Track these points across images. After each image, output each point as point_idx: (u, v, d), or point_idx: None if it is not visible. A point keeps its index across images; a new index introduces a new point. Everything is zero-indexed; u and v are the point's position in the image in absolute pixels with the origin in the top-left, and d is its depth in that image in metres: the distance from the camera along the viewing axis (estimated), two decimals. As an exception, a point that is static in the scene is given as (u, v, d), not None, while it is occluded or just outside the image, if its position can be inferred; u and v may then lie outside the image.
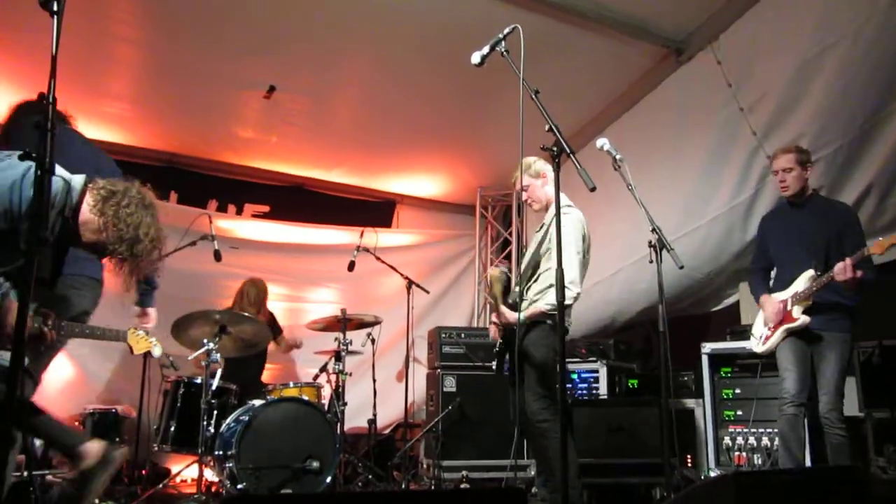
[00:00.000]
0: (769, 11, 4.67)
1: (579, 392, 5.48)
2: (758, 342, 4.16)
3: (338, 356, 5.27)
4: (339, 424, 4.92)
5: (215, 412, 4.55)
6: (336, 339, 5.31)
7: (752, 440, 4.77)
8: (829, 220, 4.00)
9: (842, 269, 3.62)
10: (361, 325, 5.69)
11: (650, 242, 3.28)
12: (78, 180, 2.66)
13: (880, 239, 3.63)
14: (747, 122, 4.89)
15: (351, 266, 5.97)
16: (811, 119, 4.58)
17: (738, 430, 4.87)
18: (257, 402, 4.53)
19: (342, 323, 5.33)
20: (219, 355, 4.56)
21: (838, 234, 3.93)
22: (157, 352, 3.58)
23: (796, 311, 3.90)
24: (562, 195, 2.91)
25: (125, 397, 5.63)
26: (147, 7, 4.78)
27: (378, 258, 6.11)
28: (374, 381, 5.84)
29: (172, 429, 4.65)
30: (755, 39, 4.79)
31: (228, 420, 4.51)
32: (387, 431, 6.67)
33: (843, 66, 4.34)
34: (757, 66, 4.82)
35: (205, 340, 4.51)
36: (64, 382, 5.72)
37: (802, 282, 3.91)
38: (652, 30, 5.15)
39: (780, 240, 4.17)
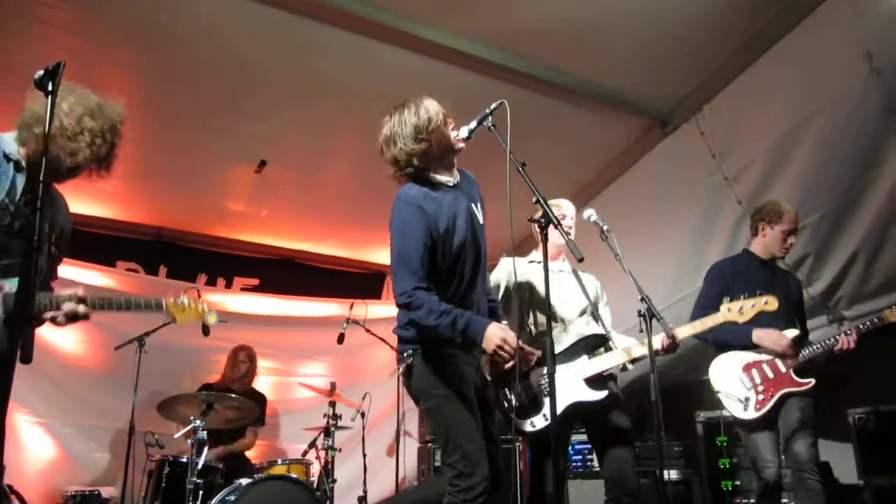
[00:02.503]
0: (751, 82, 4.73)
1: (574, 464, 5.37)
2: (742, 405, 3.78)
3: (327, 432, 5.17)
4: (328, 503, 4.79)
5: (201, 492, 4.42)
6: (325, 414, 5.21)
7: (751, 511, 4.68)
8: (791, 288, 4.06)
9: (847, 342, 3.63)
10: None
11: (639, 312, 3.24)
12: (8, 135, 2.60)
13: None
14: (732, 191, 4.95)
15: (340, 339, 5.91)
16: (795, 187, 4.62)
17: (737, 501, 4.78)
18: (244, 481, 4.40)
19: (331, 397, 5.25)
20: (205, 433, 4.46)
21: (796, 304, 4.02)
22: (211, 319, 3.01)
23: (795, 374, 3.74)
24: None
25: (108, 478, 5.48)
26: (138, 84, 4.84)
27: (368, 330, 6.06)
28: (364, 456, 5.72)
29: (157, 510, 4.51)
30: (738, 110, 4.86)
31: (215, 500, 4.37)
32: (378, 509, 6.49)
33: (824, 135, 4.39)
34: (740, 136, 4.89)
35: (191, 417, 4.43)
36: (44, 463, 5.57)
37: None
38: (636, 103, 5.25)
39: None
